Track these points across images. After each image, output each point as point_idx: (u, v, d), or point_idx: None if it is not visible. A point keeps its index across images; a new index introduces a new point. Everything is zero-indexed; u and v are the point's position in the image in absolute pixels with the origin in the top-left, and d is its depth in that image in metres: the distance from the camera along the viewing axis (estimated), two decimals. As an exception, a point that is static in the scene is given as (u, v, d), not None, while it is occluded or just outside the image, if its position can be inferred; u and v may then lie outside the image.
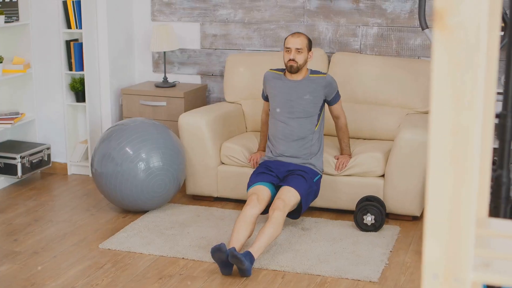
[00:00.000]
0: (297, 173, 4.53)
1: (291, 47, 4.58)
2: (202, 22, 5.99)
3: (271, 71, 4.81)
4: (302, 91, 4.63)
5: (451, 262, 1.09)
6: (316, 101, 4.65)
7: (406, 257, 4.20)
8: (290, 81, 4.67)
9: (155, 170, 4.75)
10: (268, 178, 4.51)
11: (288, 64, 4.60)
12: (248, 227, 4.14)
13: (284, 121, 4.65)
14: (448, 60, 1.03)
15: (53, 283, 3.90)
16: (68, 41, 5.74)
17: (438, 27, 1.02)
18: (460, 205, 1.07)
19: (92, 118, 5.82)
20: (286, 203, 4.28)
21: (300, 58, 4.59)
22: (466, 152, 1.05)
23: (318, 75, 4.68)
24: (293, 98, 4.64)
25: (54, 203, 5.26)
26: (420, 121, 4.87)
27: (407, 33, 5.45)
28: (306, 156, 4.63)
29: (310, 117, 4.63)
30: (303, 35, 4.64)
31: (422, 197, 4.71)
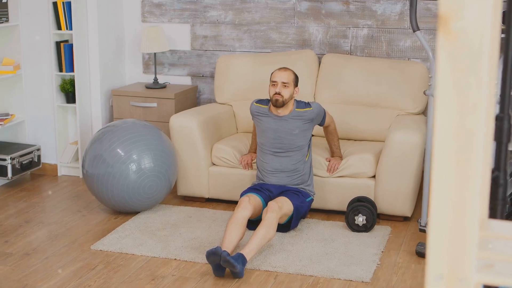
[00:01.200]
0: (291, 191, 4.58)
1: (278, 80, 4.54)
2: (192, 24, 5.99)
3: (256, 105, 4.75)
4: (290, 126, 4.61)
5: (455, 263, 1.11)
6: (305, 134, 4.64)
7: (398, 257, 4.22)
8: (277, 117, 4.63)
9: (147, 171, 4.75)
10: (261, 193, 4.54)
11: (274, 98, 4.55)
12: (239, 229, 4.15)
13: (274, 154, 4.66)
14: (452, 65, 1.05)
15: (45, 284, 3.89)
16: (58, 42, 5.73)
17: (442, 32, 1.04)
18: (463, 207, 1.09)
19: (82, 119, 5.81)
20: (279, 206, 4.31)
21: (286, 93, 4.54)
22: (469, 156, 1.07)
23: (304, 109, 4.62)
24: (282, 135, 4.63)
25: (45, 205, 5.25)
26: (410, 122, 4.89)
27: (397, 34, 5.47)
28: (297, 184, 4.66)
29: (300, 150, 4.65)
30: (290, 70, 4.62)
31: (413, 197, 4.74)
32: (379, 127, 5.20)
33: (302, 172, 4.66)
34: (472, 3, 1.01)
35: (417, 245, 4.22)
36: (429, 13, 5.36)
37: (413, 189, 4.71)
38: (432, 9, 5.36)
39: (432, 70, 4.06)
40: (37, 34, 5.79)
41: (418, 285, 3.86)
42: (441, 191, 1.09)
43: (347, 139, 5.27)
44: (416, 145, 4.63)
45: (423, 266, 4.10)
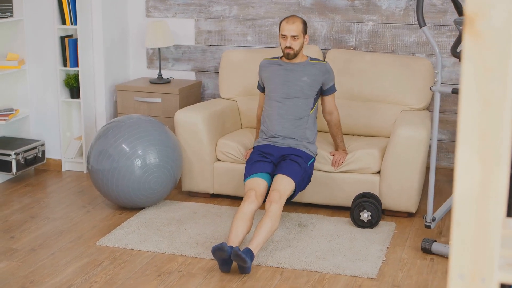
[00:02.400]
0: (291, 158, 4.52)
1: (287, 34, 4.59)
2: (196, 18, 5.99)
3: (266, 59, 4.85)
4: (300, 73, 4.66)
5: (478, 262, 1.11)
6: (313, 84, 4.67)
7: (403, 254, 4.22)
8: (288, 64, 4.71)
9: (152, 166, 4.75)
10: (264, 167, 4.49)
11: (285, 51, 4.63)
12: (246, 223, 4.14)
13: (280, 101, 4.67)
14: (479, 64, 1.04)
15: (52, 280, 3.89)
16: (63, 37, 5.72)
17: (469, 32, 1.03)
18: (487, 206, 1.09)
19: (86, 115, 5.81)
20: (282, 194, 4.28)
21: (296, 45, 4.62)
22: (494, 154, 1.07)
23: (318, 61, 4.73)
24: (291, 79, 4.67)
25: (50, 200, 5.25)
26: (415, 118, 4.89)
27: (402, 30, 5.47)
28: (301, 138, 4.64)
29: (306, 99, 4.66)
30: (298, 20, 4.62)
31: (418, 193, 4.74)
32: (383, 123, 5.20)
33: (306, 124, 4.65)
34: (499, 2, 1.00)
35: (422, 241, 4.22)
36: (434, 9, 5.35)
37: (418, 185, 4.71)
38: (436, 4, 5.35)
39: (439, 65, 4.05)
40: (41, 29, 5.78)
41: (423, 281, 3.86)
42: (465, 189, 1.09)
43: (351, 135, 5.27)
44: (421, 140, 4.63)
45: (428, 262, 4.10)
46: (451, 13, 5.32)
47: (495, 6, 1.01)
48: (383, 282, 3.84)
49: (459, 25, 3.81)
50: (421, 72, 5.13)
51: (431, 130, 4.12)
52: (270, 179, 4.46)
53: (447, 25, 5.35)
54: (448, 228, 4.62)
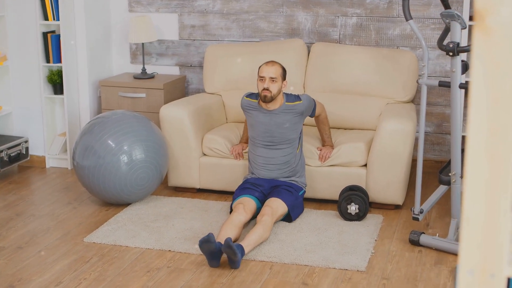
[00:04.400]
0: (283, 188, 4.58)
1: (265, 76, 4.52)
2: (180, 13, 5.96)
3: (246, 99, 4.73)
4: (280, 120, 4.60)
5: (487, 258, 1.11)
6: (295, 127, 4.64)
7: (391, 246, 4.24)
8: (267, 111, 4.62)
9: (138, 162, 4.73)
10: (253, 192, 4.54)
11: (262, 94, 4.54)
12: (235, 229, 4.16)
13: (265, 147, 4.66)
14: (488, 60, 1.05)
15: (40, 278, 3.86)
16: (45, 33, 5.67)
17: (479, 28, 1.04)
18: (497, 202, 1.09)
19: (70, 111, 5.77)
20: (274, 210, 4.33)
21: (274, 88, 4.52)
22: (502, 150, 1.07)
23: (294, 103, 4.61)
24: (273, 129, 4.62)
25: (35, 197, 5.21)
26: (401, 111, 4.91)
27: (386, 23, 5.48)
28: (289, 176, 4.67)
29: (291, 143, 4.65)
30: (277, 64, 4.59)
31: (404, 186, 4.76)
32: (369, 116, 5.21)
33: (293, 164, 4.66)
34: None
35: (410, 233, 4.24)
36: (418, 1, 5.37)
37: (404, 178, 4.73)
38: (420, -3, 5.37)
39: (425, 58, 4.07)
40: (23, 25, 5.72)
41: (412, 273, 3.88)
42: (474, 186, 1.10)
43: (337, 128, 5.28)
44: (407, 133, 4.65)
45: (416, 254, 4.12)
46: (435, 6, 5.34)
47: (505, 2, 1.01)
48: (372, 275, 3.86)
49: (446, 18, 3.83)
50: (405, 65, 5.15)
51: (419, 123, 4.13)
52: (259, 204, 4.49)
53: (431, 18, 5.37)
54: (435, 220, 4.64)
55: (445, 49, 3.84)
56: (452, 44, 3.81)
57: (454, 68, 3.90)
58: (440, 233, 4.37)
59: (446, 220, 4.62)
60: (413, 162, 5.11)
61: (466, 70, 3.98)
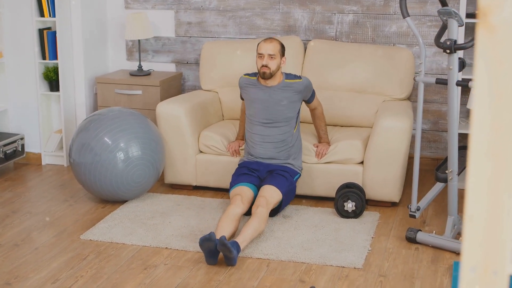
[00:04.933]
0: (278, 173, 4.58)
1: (264, 53, 4.54)
2: (176, 10, 5.95)
3: (245, 76, 4.77)
4: (279, 97, 4.62)
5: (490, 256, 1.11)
6: (293, 105, 4.65)
7: (388, 243, 4.24)
8: (265, 87, 4.64)
9: (135, 159, 4.72)
10: (250, 179, 4.55)
11: (261, 71, 4.56)
12: (232, 223, 4.16)
13: (262, 125, 4.66)
14: (491, 57, 1.05)
15: (36, 275, 3.86)
16: (41, 29, 5.65)
17: (482, 25, 1.04)
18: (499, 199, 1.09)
19: (66, 108, 5.75)
20: (268, 201, 4.33)
21: (273, 64, 4.55)
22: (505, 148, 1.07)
23: (294, 80, 4.64)
24: (270, 105, 4.63)
25: (31, 194, 5.20)
26: (397, 108, 4.91)
27: (382, 20, 5.48)
28: (285, 157, 4.66)
29: (288, 121, 4.65)
30: (276, 41, 4.61)
31: (401, 183, 4.77)
32: (365, 113, 5.21)
33: (290, 144, 4.66)
34: (513, -4, 1.00)
35: (407, 231, 4.25)
36: (414, -1, 5.37)
37: (401, 175, 4.73)
38: (417, -6, 5.37)
39: (422, 56, 4.07)
40: (19, 22, 5.71)
41: (409, 270, 3.89)
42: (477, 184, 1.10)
43: (333, 125, 5.28)
44: (404, 130, 4.65)
45: (413, 252, 4.13)
46: (432, 3, 5.34)
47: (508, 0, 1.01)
48: (369, 272, 3.86)
49: (443, 16, 3.83)
50: (402, 62, 5.15)
51: (417, 120, 4.13)
52: (256, 190, 4.49)
53: (427, 15, 5.37)
54: (432, 218, 4.65)
55: (442, 47, 3.84)
56: (450, 42, 3.81)
57: (451, 65, 3.90)
58: (437, 231, 4.37)
59: (442, 217, 4.62)
60: (409, 160, 5.11)
61: (463, 68, 3.98)
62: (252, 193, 4.46)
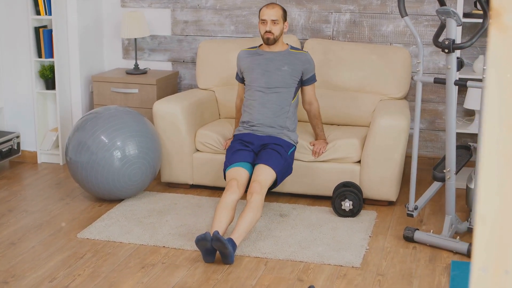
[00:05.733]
0: (272, 148, 4.52)
1: (267, 18, 4.60)
2: (173, 8, 5.94)
3: (244, 49, 4.84)
4: (280, 62, 4.66)
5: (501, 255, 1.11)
6: (293, 73, 4.67)
7: (386, 242, 4.25)
8: (267, 52, 4.71)
9: (131, 158, 4.71)
10: (244, 156, 4.49)
11: (265, 36, 4.63)
12: (229, 213, 4.14)
13: (262, 90, 4.67)
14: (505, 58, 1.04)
15: (34, 274, 3.84)
16: (37, 27, 5.63)
17: (495, 25, 1.03)
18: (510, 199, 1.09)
19: (62, 106, 5.73)
20: (262, 185, 4.29)
21: (276, 30, 4.62)
22: (517, 148, 1.07)
23: (298, 51, 4.74)
24: (271, 69, 4.66)
25: (27, 193, 5.18)
26: (394, 107, 4.92)
27: (379, 19, 5.48)
28: (281, 127, 4.64)
29: (288, 88, 4.66)
30: (278, 6, 4.65)
31: (398, 182, 4.77)
32: (362, 112, 5.22)
33: (287, 113, 4.65)
34: (528, -4, 1.00)
35: (404, 230, 4.25)
36: (411, -2, 5.38)
37: (398, 174, 4.74)
38: (413, -6, 5.37)
39: (420, 55, 4.07)
40: (15, 20, 5.69)
41: (407, 269, 3.89)
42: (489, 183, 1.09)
43: (330, 124, 5.28)
44: (401, 130, 4.65)
45: (411, 251, 4.13)
46: (429, 3, 5.35)
47: (523, -1, 1.01)
48: (367, 271, 3.86)
49: (441, 15, 3.83)
50: (399, 62, 5.16)
51: (415, 119, 4.14)
52: (251, 168, 4.46)
53: (424, 15, 5.37)
54: (429, 217, 4.66)
55: (441, 46, 3.85)
56: (448, 41, 3.81)
57: (450, 65, 3.90)
58: (434, 230, 4.38)
59: (439, 216, 4.63)
60: (406, 159, 5.12)
61: (461, 67, 3.99)
62: (248, 174, 4.42)
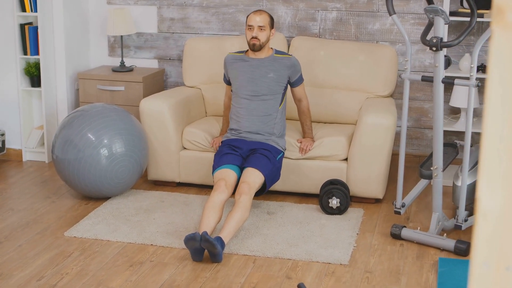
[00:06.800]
0: (260, 152, 4.53)
1: (254, 24, 4.58)
2: (159, 6, 5.92)
3: (231, 53, 4.81)
4: (265, 69, 4.65)
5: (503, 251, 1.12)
6: (280, 79, 4.66)
7: (373, 239, 4.26)
8: (253, 59, 4.68)
9: (118, 156, 4.70)
10: (233, 159, 4.50)
11: (251, 42, 4.61)
12: (216, 212, 4.14)
13: (248, 98, 4.66)
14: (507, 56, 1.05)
15: (21, 273, 3.82)
16: (23, 24, 5.59)
17: (497, 23, 1.04)
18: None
19: (47, 104, 5.70)
20: (251, 186, 4.30)
21: (263, 36, 4.60)
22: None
23: (283, 55, 4.71)
24: (257, 77, 4.65)
25: (12, 191, 5.14)
26: (381, 105, 4.93)
27: (365, 17, 5.50)
28: (269, 134, 4.64)
29: (274, 95, 4.66)
30: (265, 13, 4.65)
31: (385, 180, 4.79)
32: (349, 110, 5.23)
33: (275, 120, 4.66)
34: (531, -6, 1.01)
35: (391, 227, 4.27)
36: (398, -4, 5.40)
37: (384, 171, 4.76)
38: (400, -8, 5.39)
39: (408, 53, 4.09)
40: (0, 16, 5.64)
41: (395, 266, 3.91)
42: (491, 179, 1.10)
43: (317, 122, 5.29)
44: (388, 127, 4.67)
45: (398, 248, 4.15)
46: (415, 1, 5.37)
47: (525, -3, 1.02)
48: (355, 268, 3.88)
49: (429, 13, 3.85)
50: (385, 60, 5.17)
51: (402, 117, 4.16)
52: (239, 171, 4.47)
53: (410, 13, 5.40)
54: (415, 214, 4.68)
55: (429, 44, 3.86)
56: (436, 39, 3.83)
57: (437, 63, 3.92)
58: (421, 227, 4.40)
59: (425, 213, 4.66)
60: (392, 157, 5.13)
61: (448, 65, 4.01)
62: (236, 175, 4.43)
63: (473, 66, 3.83)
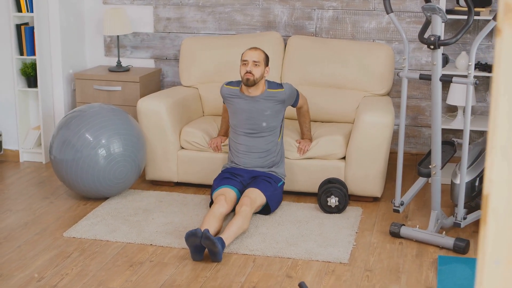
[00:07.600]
0: (262, 178, 4.58)
1: (248, 59, 4.53)
2: (155, 5, 5.91)
3: (227, 87, 4.72)
4: (262, 107, 4.60)
5: (513, 249, 1.12)
6: (277, 114, 4.64)
7: (372, 238, 4.27)
8: (248, 97, 4.62)
9: (116, 156, 4.69)
10: (233, 182, 4.55)
11: (245, 77, 4.53)
12: (217, 222, 4.16)
13: (246, 135, 4.65)
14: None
15: (21, 273, 3.82)
16: (19, 25, 5.58)
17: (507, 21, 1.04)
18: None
19: (44, 104, 5.69)
20: (252, 200, 4.34)
21: (257, 72, 4.53)
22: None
23: (276, 90, 4.61)
24: (254, 116, 4.62)
25: (10, 192, 5.13)
26: (378, 104, 4.94)
27: (362, 16, 5.51)
28: (269, 166, 4.67)
29: (273, 131, 4.65)
30: (261, 50, 4.61)
31: (383, 178, 4.80)
32: (346, 109, 5.24)
33: (274, 153, 4.67)
34: (542, -8, 1.01)
35: (390, 225, 4.28)
36: (394, -5, 5.40)
37: (382, 170, 4.76)
38: (396, -10, 5.40)
39: (406, 52, 4.09)
40: (-4, 17, 5.64)
41: (395, 264, 3.92)
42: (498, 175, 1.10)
43: (314, 121, 5.30)
44: (386, 126, 4.68)
45: (397, 246, 4.16)
46: (411, 0, 5.38)
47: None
48: (355, 267, 3.88)
49: (427, 12, 3.86)
50: (382, 58, 5.18)
51: (400, 116, 4.16)
52: (239, 194, 4.49)
53: (407, 11, 5.41)
54: (414, 212, 4.69)
55: (427, 42, 3.87)
56: (433, 37, 3.84)
57: (435, 61, 3.93)
58: (420, 225, 4.41)
59: (424, 211, 4.67)
60: (390, 155, 5.14)
61: (446, 63, 4.02)
62: (235, 195, 4.46)
63: (470, 64, 3.84)
